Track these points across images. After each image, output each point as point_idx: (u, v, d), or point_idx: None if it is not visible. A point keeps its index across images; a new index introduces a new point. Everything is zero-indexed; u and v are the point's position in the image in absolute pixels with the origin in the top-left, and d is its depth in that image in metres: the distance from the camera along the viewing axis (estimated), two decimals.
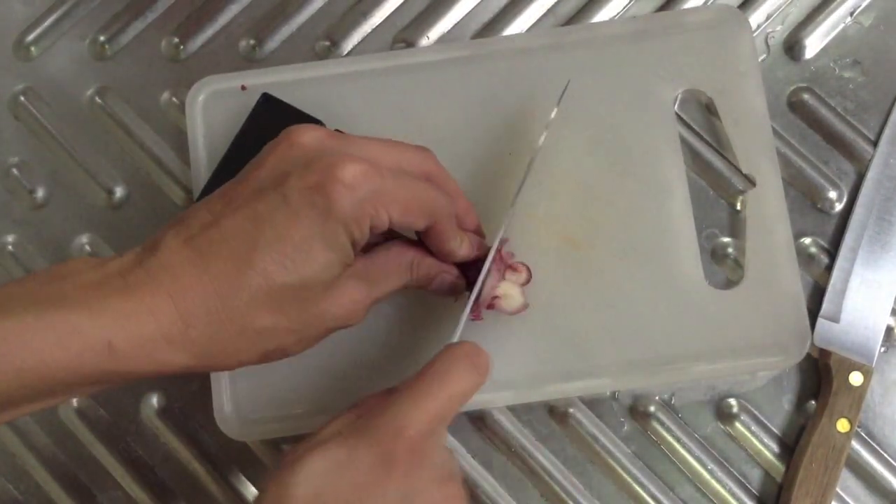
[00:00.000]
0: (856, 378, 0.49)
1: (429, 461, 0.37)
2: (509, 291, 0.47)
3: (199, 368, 0.38)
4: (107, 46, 0.59)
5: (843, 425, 0.48)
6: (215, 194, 0.40)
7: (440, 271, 0.45)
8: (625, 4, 0.57)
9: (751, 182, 0.51)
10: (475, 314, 0.46)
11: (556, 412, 0.51)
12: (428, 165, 0.43)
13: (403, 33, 0.57)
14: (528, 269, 0.48)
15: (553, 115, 0.49)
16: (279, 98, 0.53)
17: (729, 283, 0.51)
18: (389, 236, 0.44)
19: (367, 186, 0.38)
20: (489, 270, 0.45)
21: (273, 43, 0.58)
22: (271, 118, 0.53)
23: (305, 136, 0.40)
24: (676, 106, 0.53)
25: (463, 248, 0.44)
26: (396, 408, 0.37)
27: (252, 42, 0.58)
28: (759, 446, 0.50)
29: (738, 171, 0.52)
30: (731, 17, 0.54)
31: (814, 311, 0.51)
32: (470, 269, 0.45)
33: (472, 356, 0.40)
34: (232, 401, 0.51)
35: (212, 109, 0.54)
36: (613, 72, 0.53)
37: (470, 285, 0.45)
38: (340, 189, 0.37)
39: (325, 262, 0.38)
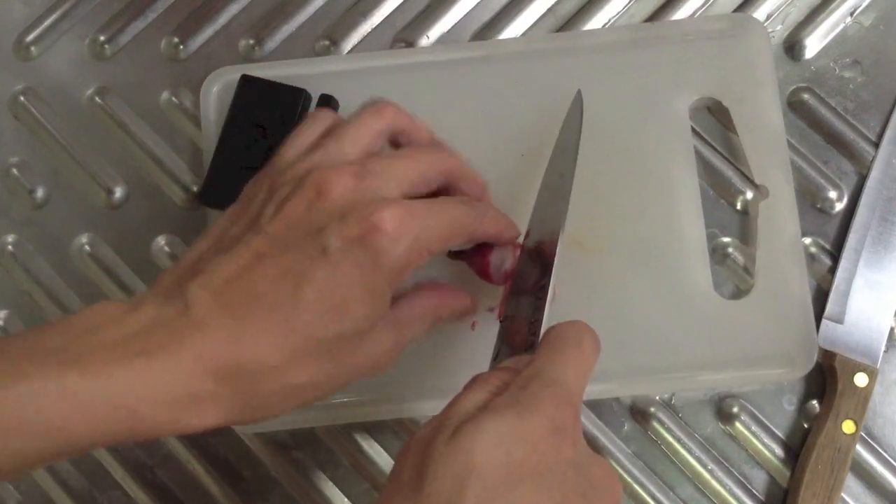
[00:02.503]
0: (861, 379, 0.49)
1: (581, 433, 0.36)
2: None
3: (228, 424, 0.37)
4: (107, 46, 0.58)
5: (848, 427, 0.48)
6: (232, 234, 0.39)
7: (464, 309, 0.45)
8: (624, 5, 0.56)
9: (763, 193, 0.51)
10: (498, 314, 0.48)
11: None
12: (447, 164, 0.42)
13: (403, 33, 0.57)
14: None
15: (580, 133, 0.49)
16: (258, 77, 0.53)
17: (737, 294, 0.51)
18: None
19: (410, 234, 0.37)
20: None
21: (273, 42, 0.58)
22: (255, 97, 0.52)
23: (333, 185, 0.38)
24: (689, 114, 0.53)
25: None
26: (555, 375, 0.35)
27: (252, 42, 0.58)
28: (760, 446, 0.50)
29: (751, 181, 0.52)
30: (749, 25, 0.53)
31: (815, 312, 0.50)
32: (486, 253, 0.46)
33: (592, 331, 0.38)
34: None
35: (226, 100, 0.54)
36: (626, 77, 0.53)
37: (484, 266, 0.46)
38: (384, 242, 0.37)
39: (364, 316, 0.37)
